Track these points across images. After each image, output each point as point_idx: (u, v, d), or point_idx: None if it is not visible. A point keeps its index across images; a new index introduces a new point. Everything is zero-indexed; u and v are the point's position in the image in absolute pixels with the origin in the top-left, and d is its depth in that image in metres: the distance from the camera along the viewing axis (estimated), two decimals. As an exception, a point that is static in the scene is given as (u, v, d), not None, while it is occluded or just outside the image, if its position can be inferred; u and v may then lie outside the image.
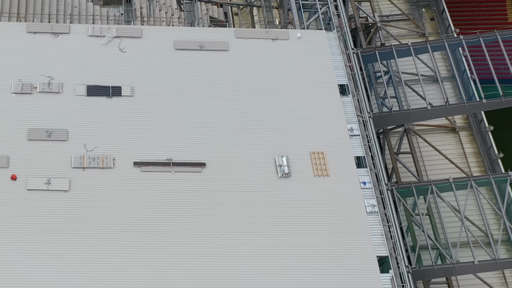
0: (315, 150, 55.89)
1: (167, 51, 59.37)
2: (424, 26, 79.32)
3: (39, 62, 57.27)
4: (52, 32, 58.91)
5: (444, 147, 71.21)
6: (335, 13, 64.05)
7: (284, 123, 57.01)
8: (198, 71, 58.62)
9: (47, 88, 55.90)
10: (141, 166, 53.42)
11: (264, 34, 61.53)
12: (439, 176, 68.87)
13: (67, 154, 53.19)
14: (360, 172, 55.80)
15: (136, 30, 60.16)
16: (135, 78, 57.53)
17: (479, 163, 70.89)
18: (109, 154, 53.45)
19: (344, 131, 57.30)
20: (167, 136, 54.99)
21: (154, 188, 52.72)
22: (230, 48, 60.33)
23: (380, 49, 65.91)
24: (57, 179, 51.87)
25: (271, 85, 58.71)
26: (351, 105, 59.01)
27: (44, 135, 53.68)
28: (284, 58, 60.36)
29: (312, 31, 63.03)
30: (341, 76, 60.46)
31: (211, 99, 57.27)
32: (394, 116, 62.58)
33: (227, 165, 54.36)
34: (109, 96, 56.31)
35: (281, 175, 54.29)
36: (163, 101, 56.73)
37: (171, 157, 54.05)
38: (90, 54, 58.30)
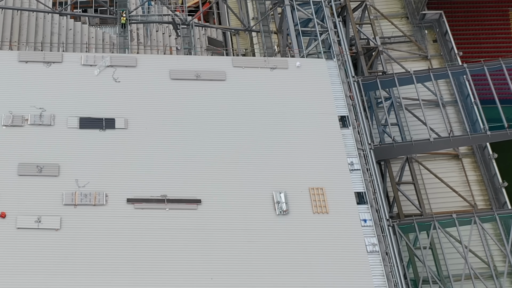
0: (314, 186, 54.26)
1: (162, 81, 57.69)
2: (427, 48, 77.74)
3: (30, 92, 55.61)
4: (44, 61, 57.17)
5: (446, 175, 69.63)
6: (335, 40, 62.23)
7: (283, 157, 55.37)
8: (194, 102, 56.96)
9: (38, 120, 54.24)
10: (135, 203, 51.85)
11: (263, 63, 59.86)
12: (442, 205, 67.87)
13: (58, 190, 51.60)
14: (361, 208, 54.19)
15: (131, 59, 58.45)
16: (129, 109, 55.88)
17: (483, 192, 69.35)
18: (101, 190, 51.85)
19: (344, 166, 55.64)
20: (161, 171, 53.38)
21: (148, 226, 51.16)
22: (227, 77, 58.66)
23: (382, 77, 64.31)
24: (47, 217, 50.32)
25: (269, 117, 57.07)
26: (352, 137, 57.33)
27: (35, 170, 52.05)
28: (283, 89, 58.67)
29: (311, 60, 61.27)
30: (341, 107, 58.79)
31: (207, 132, 55.64)
32: (396, 147, 60.86)
33: (223, 201, 52.76)
34: (102, 129, 54.68)
35: (279, 213, 52.70)
36: (158, 134, 55.09)
37: (166, 193, 52.46)
38: (83, 85, 56.59)
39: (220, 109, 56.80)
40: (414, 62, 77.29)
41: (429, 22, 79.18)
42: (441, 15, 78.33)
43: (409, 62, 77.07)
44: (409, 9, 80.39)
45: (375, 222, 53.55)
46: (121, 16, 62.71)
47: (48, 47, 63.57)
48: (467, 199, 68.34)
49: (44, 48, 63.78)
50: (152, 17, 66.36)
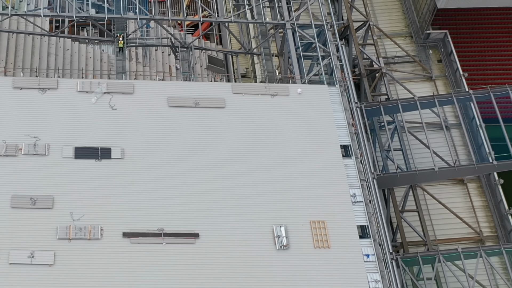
0: (316, 219, 52.78)
1: (160, 108, 56.19)
2: (431, 68, 76.22)
3: (25, 120, 54.06)
4: (39, 88, 55.64)
5: (451, 200, 68.30)
6: (337, 66, 60.69)
7: (283, 188, 53.88)
8: (193, 130, 55.48)
9: (32, 150, 52.77)
10: (131, 237, 50.38)
11: (263, 90, 58.32)
12: (447, 232, 66.60)
13: (52, 223, 50.13)
14: (363, 243, 52.68)
15: (128, 86, 56.92)
16: (125, 138, 54.41)
17: (489, 218, 68.02)
18: (96, 224, 50.38)
19: (346, 198, 54.13)
20: (158, 204, 51.90)
21: (144, 261, 49.72)
22: (227, 105, 57.15)
23: (385, 103, 62.88)
24: (41, 252, 48.81)
25: (270, 146, 55.59)
26: (354, 167, 55.81)
27: (28, 203, 50.61)
28: (284, 117, 57.15)
29: (313, 86, 59.71)
30: (343, 135, 57.25)
31: (206, 162, 54.14)
32: (399, 177, 59.38)
33: (222, 236, 51.30)
34: (98, 159, 53.19)
35: (279, 247, 51.21)
36: (155, 164, 53.62)
37: (163, 226, 50.97)
38: (78, 112, 55.08)
39: (219, 139, 55.31)
40: (418, 83, 75.94)
41: (433, 42, 77.73)
42: (446, 35, 76.94)
43: (413, 83, 75.71)
44: (413, 28, 78.95)
45: (378, 257, 52.08)
46: (118, 40, 61.14)
47: (44, 72, 61.83)
48: (472, 225, 66.99)
49: (40, 72, 62.10)
50: (151, 40, 64.69)
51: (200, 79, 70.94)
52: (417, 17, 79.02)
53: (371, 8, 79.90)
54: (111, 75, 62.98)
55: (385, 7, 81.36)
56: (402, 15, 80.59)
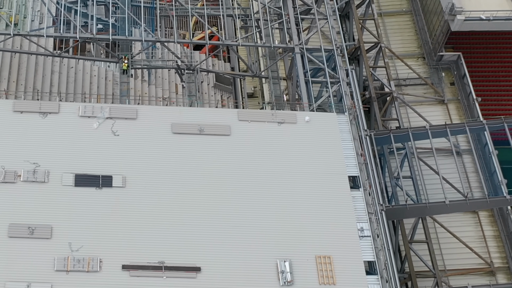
0: (321, 254, 51.23)
1: (163, 135, 54.75)
2: (444, 91, 74.52)
3: (25, 146, 52.77)
4: (40, 112, 54.22)
5: (462, 229, 66.94)
6: (347, 93, 59.06)
7: (288, 221, 52.38)
8: (196, 159, 54.01)
9: (32, 177, 51.40)
10: (130, 269, 48.98)
11: (270, 117, 56.78)
12: (457, 262, 65.36)
13: (50, 254, 48.84)
14: (370, 279, 51.12)
15: (131, 111, 55.43)
16: (127, 166, 53.01)
17: (500, 248, 66.42)
18: (95, 256, 49.01)
19: (353, 232, 52.60)
20: (159, 235, 50.48)
21: (144, 295, 48.28)
22: (232, 132, 55.65)
23: (396, 132, 61.22)
24: (38, 284, 47.48)
25: (275, 177, 54.06)
26: (362, 200, 54.28)
27: (26, 232, 49.27)
28: (291, 146, 55.62)
29: (321, 114, 58.09)
30: (352, 166, 55.63)
31: (209, 192, 52.69)
32: (409, 209, 57.75)
33: (224, 270, 49.88)
34: (98, 187, 51.76)
35: (283, 283, 49.67)
36: (156, 193, 52.21)
37: (163, 259, 49.53)
38: (80, 138, 53.70)
39: (223, 168, 53.86)
40: (430, 106, 74.37)
41: (446, 64, 76.14)
42: (460, 57, 75.30)
43: (424, 106, 74.15)
44: (425, 49, 77.29)
45: (385, 295, 50.56)
46: (123, 62, 59.71)
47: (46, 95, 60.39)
48: (483, 256, 65.47)
49: (42, 94, 60.64)
50: (156, 62, 63.22)
51: (206, 98, 69.67)
52: (430, 38, 77.37)
53: (383, 28, 78.34)
54: (115, 98, 61.34)
55: (398, 27, 79.73)
56: (414, 36, 78.98)
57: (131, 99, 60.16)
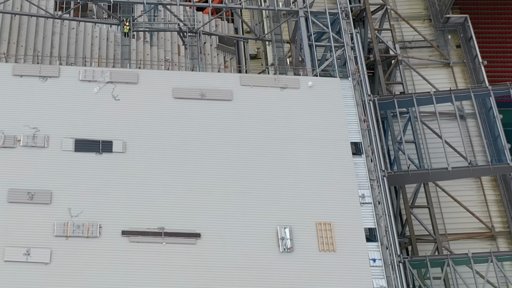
0: (322, 221, 51.01)
1: (164, 100, 54.22)
2: (449, 54, 73.56)
3: (24, 110, 52.30)
4: (40, 76, 53.71)
5: (464, 193, 66.54)
6: (351, 57, 58.31)
7: (289, 187, 52.02)
8: (197, 124, 53.55)
9: (31, 142, 51.12)
10: (130, 235, 48.89)
11: (272, 82, 56.13)
12: (458, 226, 64.99)
13: (49, 220, 48.66)
14: (370, 246, 50.92)
15: (132, 75, 54.84)
16: (128, 131, 52.61)
17: (502, 213, 66.08)
18: (95, 221, 48.91)
19: (354, 199, 52.27)
20: (159, 201, 50.25)
21: (143, 261, 48.29)
22: (234, 97, 55.09)
23: (399, 97, 60.56)
24: (37, 249, 47.43)
25: (277, 143, 53.59)
26: (364, 166, 53.80)
27: (25, 197, 49.13)
28: (293, 111, 55.04)
29: (325, 79, 57.35)
30: (354, 132, 55.11)
31: (210, 158, 52.33)
32: (411, 175, 57.36)
33: (224, 236, 49.71)
34: (98, 152, 51.50)
35: (282, 250, 49.56)
36: (157, 159, 51.83)
37: (163, 225, 49.43)
38: (80, 103, 53.19)
39: (224, 134, 53.38)
40: (435, 69, 73.48)
41: (453, 26, 74.91)
42: (466, 19, 73.99)
43: (429, 69, 73.34)
44: (432, 11, 76.07)
45: (384, 261, 50.35)
46: (124, 25, 58.96)
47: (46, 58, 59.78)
48: (484, 221, 65.17)
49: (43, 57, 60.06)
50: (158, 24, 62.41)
51: (209, 59, 69.06)
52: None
53: (389, -11, 77.07)
54: (116, 62, 60.72)
55: (404, -12, 78.58)
56: (421, -3, 77.88)
57: (132, 62, 59.42)
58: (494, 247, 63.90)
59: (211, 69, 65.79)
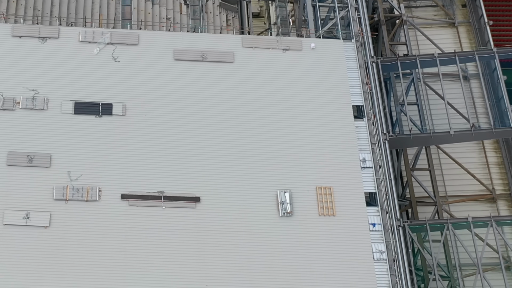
0: (322, 185, 50.93)
1: (165, 61, 53.76)
2: (455, 13, 72.41)
3: (23, 72, 51.94)
4: (39, 37, 53.21)
5: (465, 155, 65.77)
6: (355, 19, 57.52)
7: (289, 151, 51.85)
8: (198, 86, 53.18)
9: (30, 104, 50.87)
10: (130, 199, 48.90)
11: (275, 43, 55.53)
12: (459, 188, 64.55)
13: (49, 183, 48.72)
14: (370, 211, 50.87)
15: (133, 36, 54.31)
16: (128, 93, 52.30)
17: (503, 175, 65.62)
18: (94, 185, 48.90)
19: (355, 163, 52.07)
20: (159, 165, 50.19)
21: (143, 225, 48.49)
22: (236, 59, 54.58)
23: (403, 59, 59.78)
24: (36, 213, 47.56)
25: (278, 105, 53.27)
26: (366, 130, 53.49)
27: (25, 160, 49.08)
28: (295, 73, 54.55)
29: (327, 41, 56.72)
30: (356, 95, 54.67)
31: (210, 122, 52.06)
32: (413, 139, 56.97)
33: (223, 200, 49.75)
34: (98, 115, 51.23)
35: (282, 214, 49.55)
36: (157, 122, 51.60)
37: (163, 189, 49.39)
38: (80, 64, 52.79)
39: (225, 96, 53.06)
40: (440, 28, 72.42)
41: (459, -15, 73.84)
42: (473, -24, 72.90)
43: (434, 28, 72.25)
44: (439, -32, 74.85)
45: (384, 227, 50.33)
46: (125, -17, 58.37)
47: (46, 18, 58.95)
48: (485, 183, 64.73)
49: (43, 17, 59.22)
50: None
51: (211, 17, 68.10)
52: (444, -44, 74.90)
53: None
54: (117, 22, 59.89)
55: None
56: (428, -47, 76.39)
57: (133, 24, 58.63)
58: (495, 210, 63.63)
59: (213, 29, 64.83)
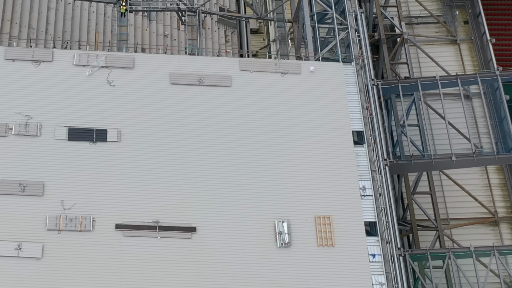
0: (321, 214, 49.82)
1: (161, 85, 52.63)
2: (457, 30, 71.36)
3: (16, 97, 50.84)
4: (33, 60, 52.06)
5: (467, 176, 64.75)
6: (355, 41, 56.40)
7: (287, 179, 50.70)
8: (195, 112, 52.05)
9: (23, 130, 49.78)
10: (124, 229, 47.81)
11: (273, 67, 54.37)
12: (460, 210, 63.81)
13: (41, 212, 47.66)
14: (370, 241, 49.76)
15: (128, 59, 53.13)
16: (123, 119, 51.20)
17: (505, 197, 64.63)
18: (88, 214, 47.82)
19: (355, 191, 50.96)
20: (154, 194, 49.07)
21: (138, 256, 47.46)
22: (233, 83, 53.44)
23: (404, 82, 58.66)
24: (29, 244, 46.44)
25: (276, 131, 52.11)
26: (366, 157, 52.38)
27: (17, 189, 47.95)
28: (294, 98, 53.42)
29: (327, 64, 55.50)
30: (356, 120, 53.53)
31: (206, 148, 50.92)
32: (414, 165, 55.85)
33: (220, 231, 48.60)
34: (92, 141, 50.10)
35: (280, 245, 48.44)
36: (153, 149, 50.49)
37: (158, 219, 48.29)
38: (74, 89, 51.66)
39: (222, 122, 51.92)
40: (442, 46, 71.39)
41: (461, 1, 72.53)
42: (475, -6, 71.76)
43: (436, 45, 71.23)
44: (440, -16, 73.79)
45: (384, 257, 49.25)
46: (121, 5, 57.02)
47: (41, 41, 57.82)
48: (487, 205, 63.72)
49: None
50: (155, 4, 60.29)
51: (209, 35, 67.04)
52: (445, -28, 73.83)
53: (396, -39, 74.64)
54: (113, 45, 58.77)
55: (412, -40, 75.93)
56: (429, -31, 75.32)
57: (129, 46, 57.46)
58: (497, 233, 62.78)
59: (211, 45, 63.72)
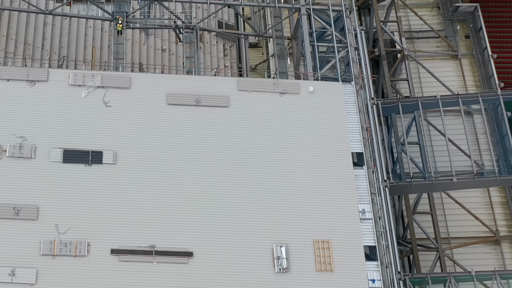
0: (320, 238, 49.01)
1: (158, 106, 51.87)
2: (458, 45, 70.61)
3: (11, 118, 50.07)
4: (28, 80, 51.26)
5: (468, 194, 64.05)
6: (355, 60, 55.62)
7: (285, 202, 49.91)
8: (192, 133, 51.32)
9: (18, 152, 48.96)
10: (120, 254, 47.03)
11: (271, 87, 53.60)
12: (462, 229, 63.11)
13: (36, 237, 46.85)
14: (369, 266, 48.97)
15: (124, 79, 52.34)
16: (119, 140, 50.46)
17: (507, 216, 63.96)
18: (83, 239, 47.05)
19: (354, 214, 50.19)
20: (150, 218, 48.32)
21: (134, 281, 46.69)
22: (231, 103, 52.66)
23: (404, 101, 57.96)
24: (22, 269, 45.66)
25: (274, 153, 51.33)
26: (365, 179, 51.57)
27: (11, 213, 47.17)
28: (292, 119, 52.62)
29: (326, 84, 54.70)
30: (356, 141, 52.72)
31: (204, 170, 50.16)
32: (414, 186, 55.10)
33: (217, 256, 47.84)
34: (88, 164, 49.29)
35: (278, 270, 47.66)
36: (149, 172, 49.72)
37: (154, 243, 47.53)
38: (69, 109, 50.88)
39: (220, 144, 51.12)
40: (443, 61, 70.68)
41: (462, 16, 71.73)
42: (477, 9, 70.69)
43: (437, 60, 70.56)
44: (441, -1, 73.02)
45: (384, 283, 48.47)
46: (117, 23, 56.21)
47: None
48: (488, 224, 63.07)
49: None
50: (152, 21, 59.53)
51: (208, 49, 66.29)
52: (446, -14, 73.04)
53: (396, -25, 73.86)
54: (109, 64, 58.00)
55: (412, -26, 75.16)
56: (430, -16, 74.61)
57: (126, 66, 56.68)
58: (498, 252, 62.21)
59: (210, 59, 62.84)
